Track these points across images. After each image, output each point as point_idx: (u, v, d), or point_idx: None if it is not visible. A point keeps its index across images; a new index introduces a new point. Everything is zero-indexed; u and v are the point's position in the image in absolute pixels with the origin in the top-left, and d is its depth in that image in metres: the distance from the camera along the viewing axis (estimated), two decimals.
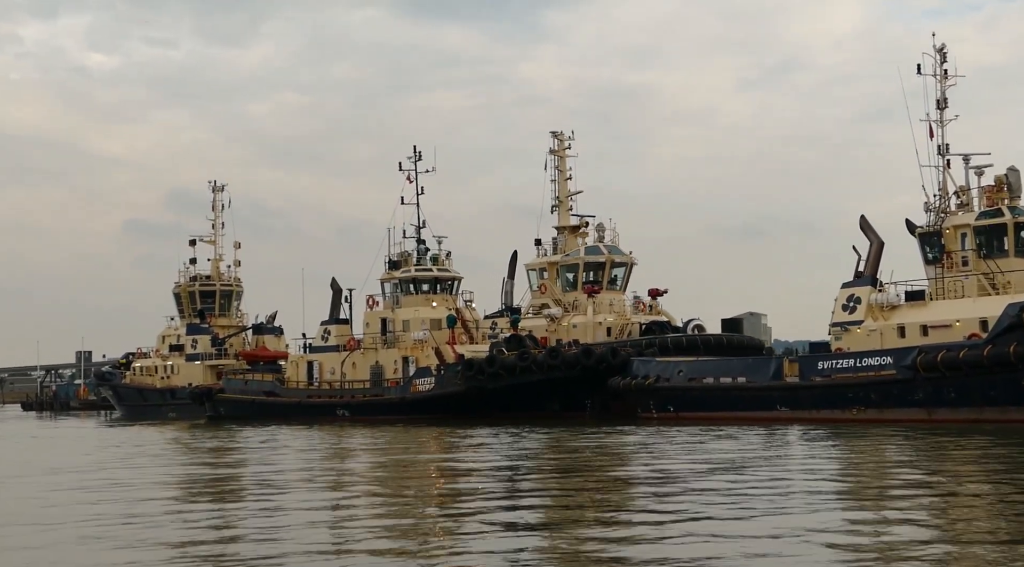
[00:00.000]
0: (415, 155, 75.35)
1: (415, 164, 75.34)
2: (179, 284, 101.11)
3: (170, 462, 38.77)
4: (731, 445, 37.73)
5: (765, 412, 53.18)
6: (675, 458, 32.87)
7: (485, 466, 32.09)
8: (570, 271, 78.23)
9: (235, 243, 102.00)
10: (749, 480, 25.52)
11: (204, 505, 23.82)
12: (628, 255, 78.62)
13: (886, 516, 19.38)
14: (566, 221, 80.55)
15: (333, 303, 77.29)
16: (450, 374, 66.50)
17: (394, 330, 72.73)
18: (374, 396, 70.78)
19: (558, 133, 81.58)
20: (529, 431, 49.83)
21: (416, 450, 41.21)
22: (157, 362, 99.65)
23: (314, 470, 32.82)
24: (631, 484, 26.19)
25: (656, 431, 47.31)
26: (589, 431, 48.81)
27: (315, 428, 62.11)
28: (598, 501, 22.70)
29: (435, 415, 65.27)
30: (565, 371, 63.24)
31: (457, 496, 24.27)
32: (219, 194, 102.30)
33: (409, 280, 73.42)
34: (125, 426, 77.45)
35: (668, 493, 23.43)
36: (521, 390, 64.12)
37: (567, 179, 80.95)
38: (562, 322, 75.36)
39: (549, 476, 29.13)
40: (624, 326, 74.84)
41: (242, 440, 51.71)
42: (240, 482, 29.67)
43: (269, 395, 76.86)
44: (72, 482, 29.49)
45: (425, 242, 74.93)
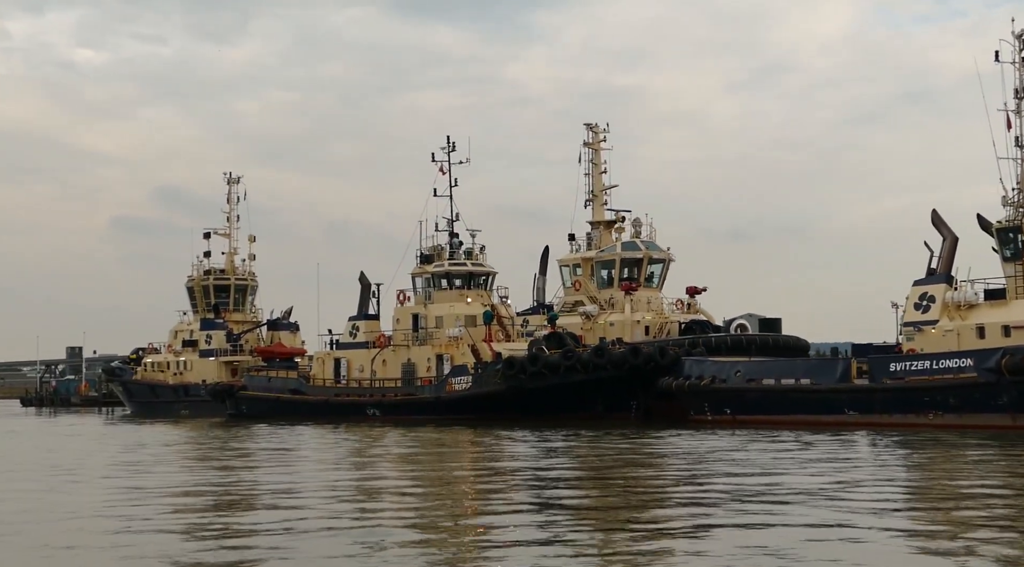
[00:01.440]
0: (448, 145, 72.58)
1: (448, 155, 72.59)
2: (192, 278, 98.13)
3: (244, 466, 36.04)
4: (826, 452, 35.13)
5: (831, 416, 50.61)
6: (793, 473, 30.19)
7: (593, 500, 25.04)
8: (606, 267, 75.70)
9: (250, 236, 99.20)
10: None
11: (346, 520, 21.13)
12: (666, 251, 76.14)
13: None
14: (601, 216, 78.09)
15: (362, 298, 74.42)
16: (489, 373, 63.77)
17: (427, 326, 69.95)
18: (406, 395, 68.00)
19: (593, 125, 79.16)
20: (590, 435, 47.22)
21: (477, 461, 38.43)
22: (169, 358, 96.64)
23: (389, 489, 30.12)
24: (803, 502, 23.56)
25: (724, 435, 44.74)
26: (652, 435, 46.20)
27: (343, 428, 59.40)
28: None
29: (472, 416, 62.61)
30: (612, 370, 60.59)
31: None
32: (234, 186, 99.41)
33: (442, 275, 70.63)
34: (141, 424, 74.47)
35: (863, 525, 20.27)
36: (564, 390, 61.47)
37: (602, 173, 78.48)
38: (598, 320, 72.84)
39: (670, 485, 26.46)
40: (663, 325, 72.37)
41: (293, 443, 48.97)
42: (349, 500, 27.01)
43: (294, 393, 73.96)
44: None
45: (458, 235, 72.25)
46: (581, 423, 56.99)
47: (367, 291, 74.25)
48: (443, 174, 72.24)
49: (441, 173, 72.18)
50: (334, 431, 56.56)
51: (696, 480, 26.87)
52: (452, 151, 72.44)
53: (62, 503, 23.94)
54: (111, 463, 36.58)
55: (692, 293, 76.04)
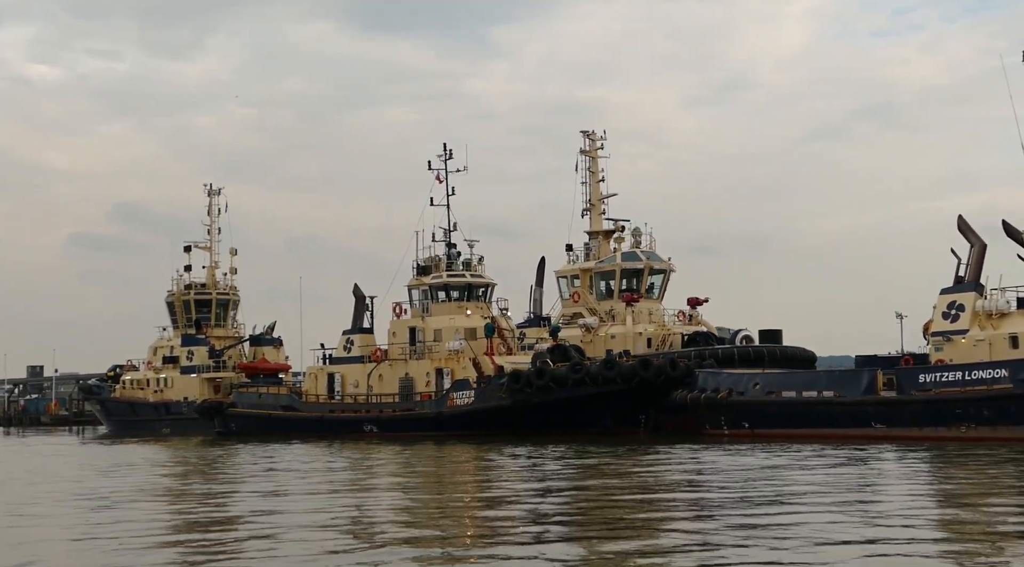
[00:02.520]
0: (445, 153, 70.66)
1: (445, 163, 70.61)
2: (172, 292, 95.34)
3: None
4: (903, 468, 33.30)
5: (857, 429, 49.02)
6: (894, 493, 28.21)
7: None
8: (605, 278, 73.91)
9: (231, 249, 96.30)
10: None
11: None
12: (667, 262, 74.42)
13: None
14: (599, 225, 76.31)
15: (356, 311, 72.08)
16: (493, 387, 61.69)
17: (425, 340, 67.77)
18: (405, 411, 65.77)
19: (589, 132, 77.40)
20: (607, 451, 45.20)
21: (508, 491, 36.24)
22: (149, 375, 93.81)
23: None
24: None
25: (749, 449, 42.90)
26: (674, 450, 44.22)
27: (338, 445, 57.06)
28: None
29: (474, 431, 60.51)
30: (621, 384, 58.70)
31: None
32: (215, 198, 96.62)
33: (441, 286, 68.48)
34: (122, 443, 71.66)
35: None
36: (571, 405, 59.56)
37: (599, 181, 76.70)
38: (598, 332, 70.99)
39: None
40: (665, 337, 70.58)
41: (324, 459, 46.67)
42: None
43: (287, 409, 71.55)
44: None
45: (456, 246, 70.15)
46: (589, 438, 55.06)
47: (361, 304, 71.95)
48: (440, 183, 70.37)
49: (438, 181, 70.30)
50: (332, 449, 54.18)
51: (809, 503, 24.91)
52: (449, 159, 70.54)
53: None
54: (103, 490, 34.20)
55: (694, 304, 74.33)
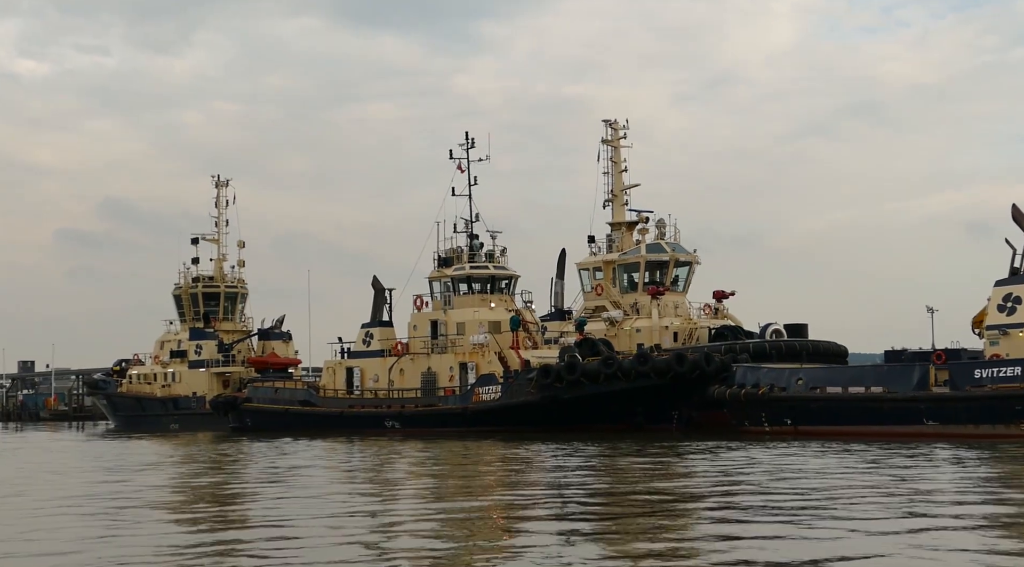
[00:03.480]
0: (467, 142, 68.80)
1: (467, 152, 68.76)
2: (179, 286, 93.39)
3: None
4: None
5: (908, 426, 47.21)
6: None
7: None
8: (629, 271, 72.06)
9: (239, 242, 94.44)
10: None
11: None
12: (692, 254, 72.60)
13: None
14: (621, 217, 74.42)
15: (375, 304, 70.21)
16: (521, 382, 59.92)
17: (447, 333, 65.94)
18: (428, 406, 63.94)
19: (612, 121, 75.54)
20: (647, 448, 43.42)
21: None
22: (156, 369, 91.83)
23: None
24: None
25: (802, 447, 41.17)
26: (720, 448, 42.42)
27: (360, 441, 55.28)
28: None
29: (501, 428, 58.77)
30: (655, 379, 56.96)
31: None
32: (223, 189, 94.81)
33: (463, 278, 66.65)
34: (131, 438, 69.60)
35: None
36: (602, 400, 57.86)
37: (622, 171, 74.83)
38: (623, 326, 69.20)
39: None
40: (692, 331, 68.78)
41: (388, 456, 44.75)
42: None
43: (304, 405, 69.64)
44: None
45: (478, 236, 68.28)
46: (620, 435, 53.40)
47: (380, 296, 70.07)
48: (461, 172, 68.56)
49: (460, 171, 68.48)
50: (360, 446, 52.31)
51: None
52: (471, 148, 68.71)
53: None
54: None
55: (720, 297, 72.49)
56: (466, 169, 68.38)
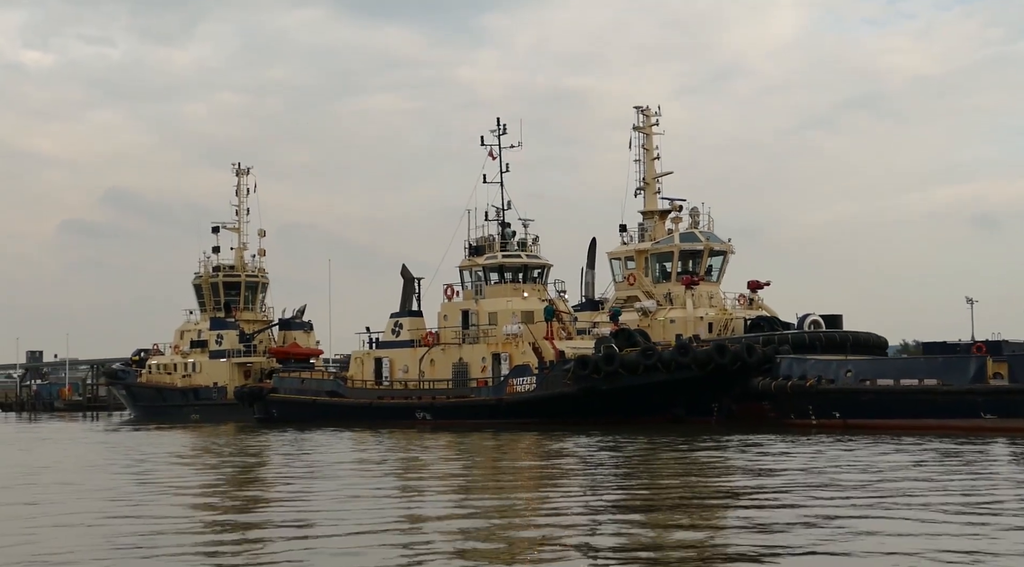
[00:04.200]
0: (499, 128, 67.32)
1: (499, 138, 67.28)
2: (199, 275, 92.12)
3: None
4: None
5: (963, 420, 45.95)
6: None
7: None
8: (663, 260, 70.64)
9: (259, 231, 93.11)
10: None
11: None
12: (727, 243, 71.14)
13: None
14: (653, 205, 73.01)
15: (404, 293, 68.81)
16: (557, 373, 58.55)
17: (479, 323, 64.57)
18: (460, 397, 62.58)
19: (643, 107, 74.06)
20: (700, 442, 42.11)
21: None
22: (177, 359, 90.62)
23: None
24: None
25: (862, 442, 39.85)
26: (797, 447, 41.10)
27: (389, 433, 54.01)
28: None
29: (536, 420, 57.42)
30: (696, 370, 55.55)
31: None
32: (244, 178, 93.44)
33: (495, 267, 65.25)
34: (158, 430, 68.32)
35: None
36: (641, 392, 56.48)
37: (654, 158, 73.39)
38: (657, 316, 67.81)
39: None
40: (727, 321, 67.38)
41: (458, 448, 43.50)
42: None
43: (332, 395, 68.29)
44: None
45: (510, 225, 66.88)
46: (659, 428, 52.07)
47: (410, 285, 68.66)
48: (493, 159, 67.09)
49: (491, 158, 67.02)
50: (396, 439, 51.02)
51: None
52: (503, 134, 67.23)
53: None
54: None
55: (754, 287, 71.07)
56: (498, 156, 66.95)
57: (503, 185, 66.89)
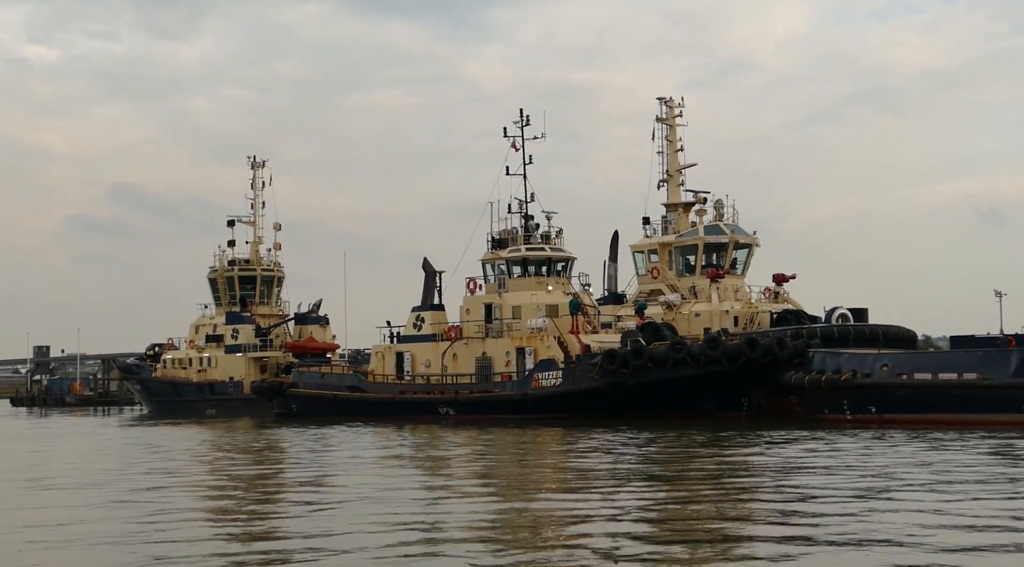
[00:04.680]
0: (522, 120, 66.35)
1: (522, 129, 66.33)
2: (215, 269, 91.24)
3: None
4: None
5: (1005, 415, 44.86)
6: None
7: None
8: (687, 253, 69.65)
9: (275, 224, 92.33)
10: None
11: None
12: (752, 236, 70.16)
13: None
14: (677, 197, 71.99)
15: (426, 287, 67.88)
16: (584, 367, 57.62)
17: (502, 317, 63.63)
18: (484, 392, 61.65)
19: (667, 98, 73.05)
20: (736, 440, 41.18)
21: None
22: (192, 354, 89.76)
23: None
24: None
25: (908, 438, 38.91)
26: (828, 441, 40.13)
27: (412, 428, 53.24)
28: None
29: (561, 415, 56.52)
30: (726, 364, 54.58)
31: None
32: (259, 170, 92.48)
33: (519, 260, 64.31)
34: (175, 425, 67.45)
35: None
36: (670, 386, 55.51)
37: (677, 150, 72.38)
38: (681, 310, 66.84)
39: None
40: (753, 315, 66.37)
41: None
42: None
43: (353, 390, 67.40)
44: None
45: (533, 217, 65.90)
46: (688, 423, 51.13)
47: (431, 279, 67.73)
48: (516, 151, 66.14)
49: (514, 150, 66.09)
50: (424, 434, 50.15)
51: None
52: (526, 125, 66.28)
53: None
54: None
55: (780, 281, 69.98)
56: (521, 147, 66.00)
57: (526, 177, 66.05)
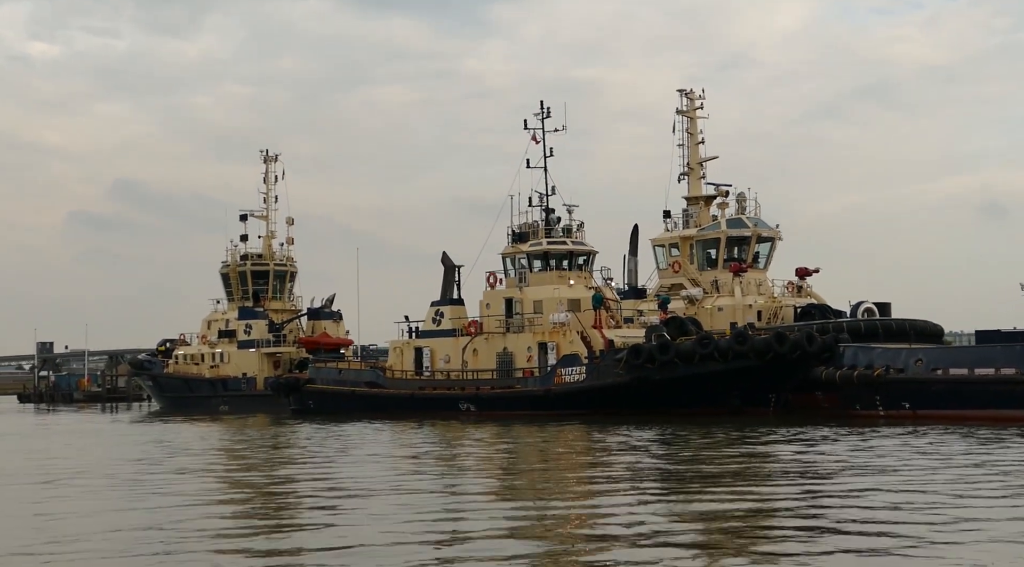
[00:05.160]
0: (542, 112, 65.40)
1: (542, 122, 65.34)
2: (227, 264, 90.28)
3: None
4: None
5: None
6: None
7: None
8: (709, 247, 68.75)
9: (288, 219, 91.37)
10: None
11: None
12: (775, 229, 69.23)
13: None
14: (698, 191, 71.16)
15: (445, 281, 66.90)
16: (608, 363, 56.69)
17: (523, 312, 62.70)
18: (505, 388, 60.72)
19: (687, 90, 72.11)
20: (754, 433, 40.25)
21: None
22: (204, 350, 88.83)
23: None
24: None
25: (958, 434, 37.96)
26: (874, 437, 39.19)
27: (431, 424, 52.40)
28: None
29: (585, 411, 55.61)
30: (754, 359, 53.65)
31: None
32: (272, 164, 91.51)
33: (540, 254, 63.38)
34: (193, 421, 66.52)
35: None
36: (697, 382, 54.59)
37: (698, 143, 71.46)
38: (703, 304, 65.96)
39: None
40: (776, 310, 65.47)
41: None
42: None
43: (371, 386, 66.48)
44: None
45: (554, 211, 64.98)
46: (714, 419, 50.20)
47: (450, 273, 66.74)
48: (536, 143, 65.22)
49: (535, 142, 65.14)
50: (448, 431, 49.23)
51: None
52: (547, 118, 65.33)
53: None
54: None
55: (803, 275, 69.17)
56: (541, 140, 65.03)
57: (547, 170, 65.10)
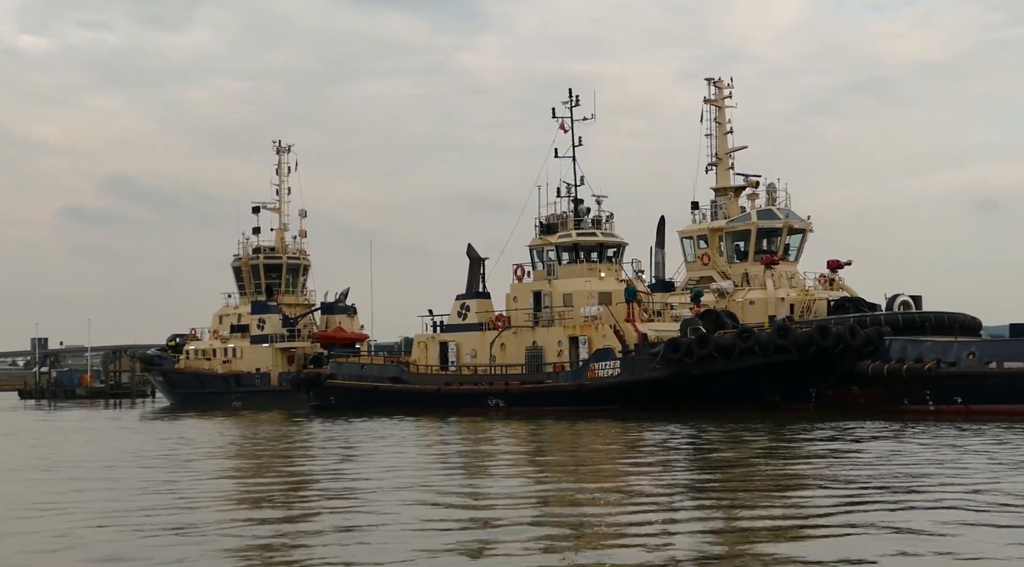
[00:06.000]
0: (571, 100, 63.87)
1: (571, 110, 63.80)
2: (239, 257, 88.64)
3: None
4: None
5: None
6: None
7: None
8: (739, 239, 67.21)
9: (300, 211, 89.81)
10: None
11: None
12: (806, 221, 67.76)
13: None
14: (727, 181, 69.51)
15: (471, 274, 65.31)
16: (644, 357, 55.19)
17: (552, 305, 61.14)
18: (536, 383, 59.18)
19: (715, 79, 70.56)
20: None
21: None
22: (216, 345, 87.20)
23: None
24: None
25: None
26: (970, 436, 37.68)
27: (457, 421, 50.98)
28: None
29: (620, 406, 54.09)
30: (796, 353, 52.17)
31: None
32: (284, 156, 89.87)
33: (569, 246, 61.82)
34: (211, 418, 64.84)
35: None
36: (736, 376, 53.13)
37: (727, 133, 69.91)
38: (734, 297, 64.43)
39: None
40: (808, 303, 63.95)
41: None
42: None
43: (395, 381, 64.89)
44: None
45: (583, 201, 63.44)
46: (754, 415, 48.72)
47: (476, 266, 65.14)
48: (565, 132, 63.66)
49: (563, 131, 63.60)
50: (480, 428, 47.69)
51: None
52: (575, 106, 63.77)
53: None
54: None
55: (834, 267, 67.58)
56: (570, 129, 63.48)
57: (575, 160, 63.55)
